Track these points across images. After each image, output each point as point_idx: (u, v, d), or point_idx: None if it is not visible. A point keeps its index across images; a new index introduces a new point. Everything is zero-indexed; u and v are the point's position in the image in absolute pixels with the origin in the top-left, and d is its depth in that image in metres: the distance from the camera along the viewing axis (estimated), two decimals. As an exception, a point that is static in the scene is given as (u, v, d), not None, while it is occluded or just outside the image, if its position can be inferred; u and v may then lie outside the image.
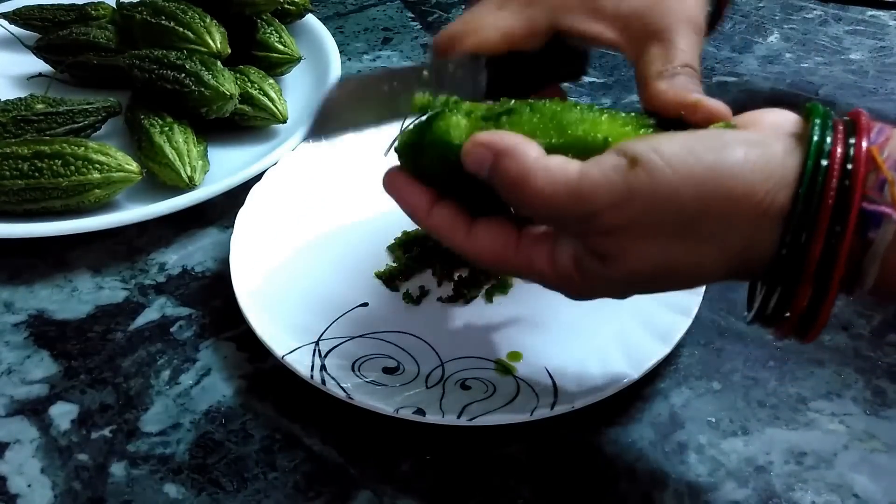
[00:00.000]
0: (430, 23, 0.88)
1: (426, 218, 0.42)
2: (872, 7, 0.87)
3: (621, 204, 0.36)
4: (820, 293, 0.35)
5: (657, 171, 0.35)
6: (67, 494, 0.47)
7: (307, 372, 0.50)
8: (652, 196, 0.35)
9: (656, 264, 0.37)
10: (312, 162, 0.65)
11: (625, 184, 0.36)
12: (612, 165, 0.36)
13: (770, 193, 0.35)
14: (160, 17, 0.71)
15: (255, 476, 0.48)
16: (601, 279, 0.39)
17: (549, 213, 0.38)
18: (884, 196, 0.34)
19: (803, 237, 0.34)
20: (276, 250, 0.59)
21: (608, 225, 0.37)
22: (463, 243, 0.41)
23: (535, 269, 0.40)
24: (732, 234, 0.36)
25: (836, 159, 0.34)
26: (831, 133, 0.35)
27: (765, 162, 0.35)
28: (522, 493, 0.47)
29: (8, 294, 0.59)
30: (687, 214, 0.35)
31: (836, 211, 0.34)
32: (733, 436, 0.49)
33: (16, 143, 0.63)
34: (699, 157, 0.35)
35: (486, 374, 0.51)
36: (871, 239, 0.34)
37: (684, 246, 0.36)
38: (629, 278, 0.38)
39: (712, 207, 0.35)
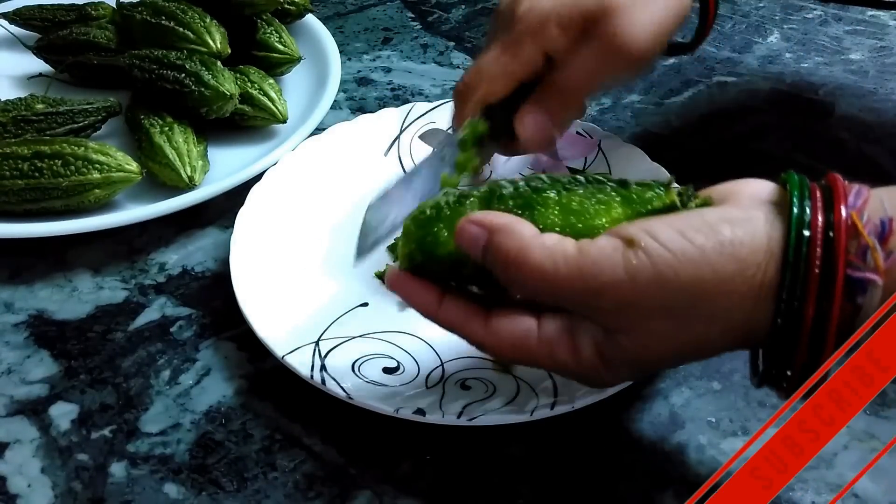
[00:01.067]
0: (430, 23, 0.88)
1: (437, 315, 0.42)
2: (872, 7, 0.87)
3: (623, 283, 0.37)
4: (816, 356, 0.36)
5: (656, 254, 0.36)
6: (67, 494, 0.47)
7: (307, 372, 0.50)
8: (654, 277, 0.36)
9: (665, 341, 0.38)
10: (312, 162, 0.65)
11: (626, 263, 0.37)
12: (609, 245, 0.37)
13: (761, 267, 0.36)
14: (160, 17, 0.71)
15: (255, 476, 0.48)
16: (622, 359, 0.39)
17: (551, 291, 0.38)
18: (867, 262, 0.35)
19: (795, 306, 0.35)
20: (276, 250, 0.59)
21: (613, 302, 0.37)
22: (481, 336, 0.41)
23: (558, 360, 0.40)
24: (735, 310, 0.37)
25: (818, 229, 0.35)
26: (809, 203, 0.36)
27: (751, 237, 0.36)
28: (522, 493, 0.47)
29: (8, 294, 0.59)
30: (687, 295, 0.36)
31: (823, 279, 0.35)
32: (733, 436, 0.49)
33: (16, 143, 0.63)
34: (691, 240, 0.36)
35: (486, 374, 0.51)
36: (860, 304, 0.35)
37: (689, 324, 0.37)
38: (645, 356, 0.39)
39: (709, 288, 0.36)
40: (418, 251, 0.42)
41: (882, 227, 0.35)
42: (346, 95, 0.78)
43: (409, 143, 0.67)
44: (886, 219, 0.35)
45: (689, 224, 0.37)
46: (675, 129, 0.73)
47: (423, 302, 0.43)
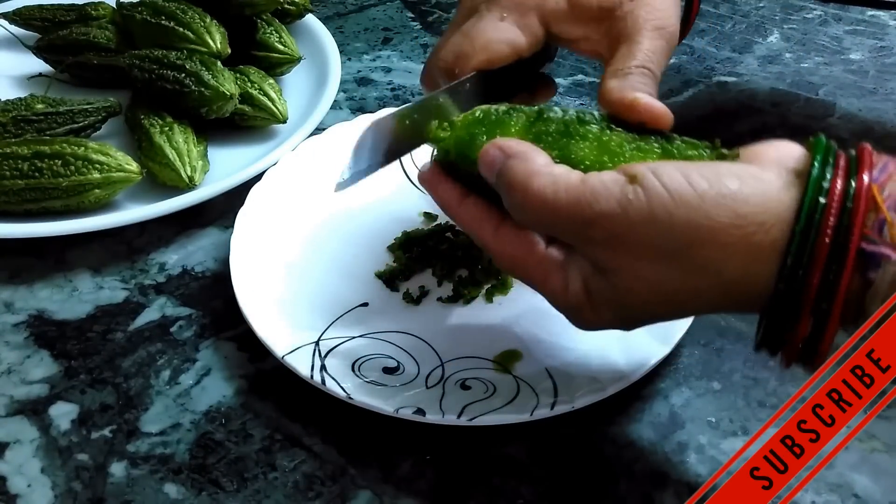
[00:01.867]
0: (430, 23, 0.88)
1: (457, 209, 0.43)
2: (872, 7, 0.87)
3: (616, 215, 0.37)
4: (820, 324, 0.35)
5: (653, 191, 0.36)
6: (67, 494, 0.47)
7: (307, 372, 0.50)
8: (647, 214, 0.36)
9: (654, 287, 0.38)
10: (312, 162, 0.65)
11: (622, 196, 0.36)
12: (612, 179, 0.37)
13: (764, 226, 0.35)
14: (160, 17, 0.71)
15: (255, 476, 0.48)
16: (608, 304, 0.39)
17: (548, 218, 0.39)
18: (883, 237, 0.34)
19: (800, 274, 0.34)
20: (276, 250, 0.59)
21: (603, 234, 0.37)
22: (489, 239, 0.42)
23: (548, 285, 0.41)
24: (728, 264, 0.36)
25: (835, 197, 0.34)
26: (832, 169, 0.35)
27: (759, 195, 0.36)
28: (522, 493, 0.47)
29: (8, 294, 0.59)
30: (680, 240, 0.36)
31: (833, 250, 0.34)
32: (733, 436, 0.49)
33: (16, 143, 0.63)
34: (693, 184, 0.36)
35: (486, 374, 0.51)
36: (871, 279, 0.34)
37: (679, 270, 0.37)
38: (631, 301, 0.39)
39: (702, 235, 0.36)
40: (455, 148, 0.43)
41: None
42: (346, 95, 0.78)
43: (409, 143, 0.67)
44: None
45: (697, 170, 0.37)
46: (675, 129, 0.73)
47: (446, 196, 0.44)
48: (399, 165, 0.66)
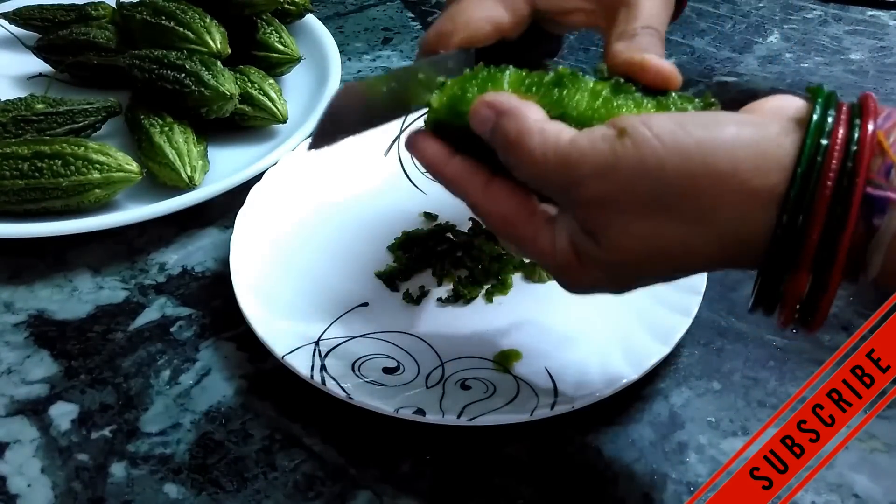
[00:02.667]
0: (430, 23, 0.88)
1: (444, 167, 0.42)
2: (872, 7, 0.87)
3: (605, 173, 0.36)
4: (820, 281, 0.34)
5: (644, 142, 0.35)
6: (67, 494, 0.47)
7: (307, 372, 0.50)
8: (637, 166, 0.35)
9: (645, 243, 0.36)
10: (312, 162, 0.65)
11: (611, 152, 0.35)
12: (601, 135, 0.36)
13: (761, 173, 0.34)
14: (160, 17, 0.71)
15: (255, 476, 0.48)
16: (596, 263, 0.38)
17: (538, 177, 0.38)
18: (890, 181, 0.32)
19: (800, 221, 0.33)
20: (276, 250, 0.59)
21: (593, 193, 0.36)
22: (478, 196, 0.41)
23: (538, 245, 0.40)
24: (721, 215, 0.35)
25: (838, 140, 0.33)
26: (834, 113, 0.34)
27: (757, 141, 0.34)
28: (523, 493, 0.47)
29: (8, 294, 0.59)
30: (672, 190, 0.35)
31: (835, 195, 0.33)
32: (733, 436, 0.49)
33: (16, 143, 0.63)
34: (688, 132, 0.35)
35: (486, 374, 0.51)
36: (876, 226, 0.33)
37: (671, 223, 0.35)
38: (621, 260, 0.37)
39: (698, 183, 0.34)
40: (447, 104, 0.42)
41: None
42: (346, 95, 0.78)
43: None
44: None
45: (693, 119, 0.36)
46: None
47: (432, 155, 0.42)
48: (399, 165, 0.66)
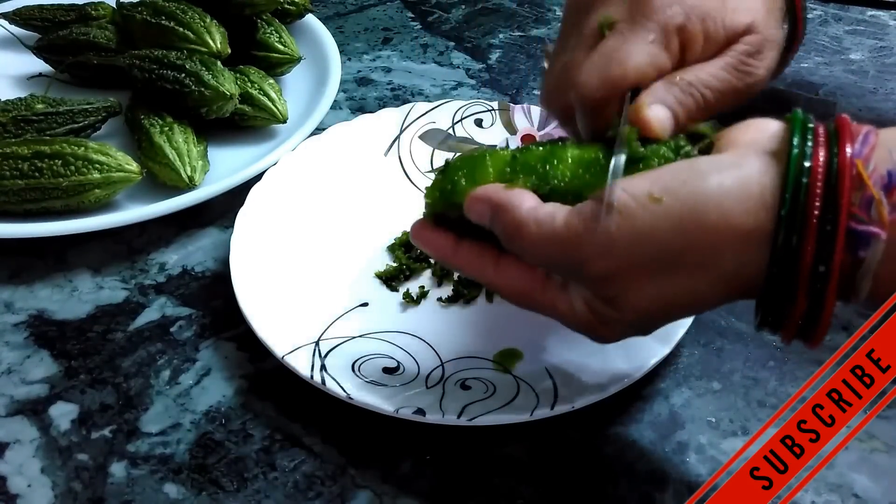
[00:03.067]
0: (430, 23, 0.88)
1: (453, 257, 0.43)
2: (872, 7, 0.87)
3: (605, 250, 0.37)
4: (815, 303, 0.35)
5: (634, 215, 0.36)
6: (67, 494, 0.47)
7: (307, 372, 0.50)
8: (633, 240, 0.36)
9: (658, 300, 0.38)
10: (312, 162, 0.65)
11: (605, 230, 0.37)
12: (590, 214, 0.37)
13: (750, 215, 0.35)
14: (160, 17, 0.71)
15: (255, 476, 0.48)
16: (616, 322, 0.40)
17: (545, 262, 0.40)
18: (871, 215, 0.33)
19: (791, 257, 0.34)
20: (276, 250, 0.59)
21: (598, 271, 0.38)
22: (492, 276, 0.42)
23: (558, 311, 0.41)
24: (722, 261, 0.36)
25: (818, 177, 0.34)
26: (811, 146, 0.35)
27: (740, 186, 0.35)
28: (522, 493, 0.47)
29: (8, 294, 0.59)
30: (671, 250, 0.36)
31: (821, 229, 0.34)
32: (733, 436, 0.49)
33: (16, 143, 0.63)
34: (673, 194, 0.36)
35: (486, 374, 0.51)
36: (861, 257, 0.34)
37: (678, 279, 0.37)
38: (638, 317, 0.39)
39: (694, 239, 0.36)
40: (440, 198, 0.43)
41: (889, 178, 0.33)
42: (346, 95, 0.78)
43: (409, 144, 0.67)
44: (894, 169, 0.33)
45: (673, 176, 0.36)
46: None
47: (439, 246, 0.44)
48: (399, 165, 0.66)
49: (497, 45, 0.84)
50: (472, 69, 0.81)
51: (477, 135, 0.67)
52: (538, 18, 0.89)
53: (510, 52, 0.83)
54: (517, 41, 0.85)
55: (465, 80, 0.80)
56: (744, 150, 0.37)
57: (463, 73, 0.81)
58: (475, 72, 0.80)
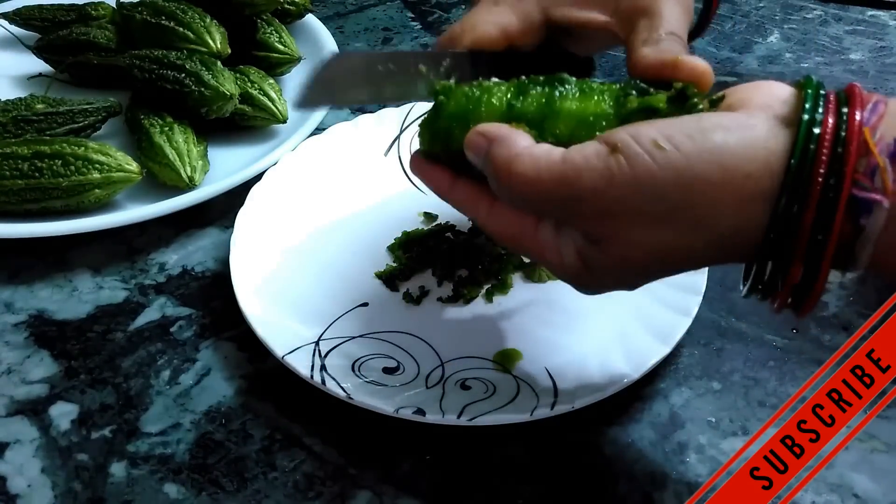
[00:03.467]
0: (430, 23, 0.88)
1: (450, 192, 0.44)
2: (872, 7, 0.87)
3: (603, 188, 0.36)
4: (812, 270, 0.35)
5: (636, 158, 0.36)
6: (67, 494, 0.47)
7: (307, 372, 0.50)
8: (632, 182, 0.36)
9: (649, 250, 0.37)
10: (312, 162, 0.65)
11: (605, 169, 0.36)
12: (594, 152, 0.37)
13: (752, 177, 0.35)
14: (160, 17, 0.71)
15: (255, 476, 0.48)
16: (604, 267, 0.39)
17: (534, 198, 0.39)
18: (875, 182, 0.33)
19: (791, 222, 0.34)
20: (276, 250, 0.59)
21: (592, 209, 0.37)
22: (484, 217, 0.43)
23: (545, 258, 0.41)
24: (720, 219, 0.36)
25: (826, 144, 0.34)
26: (822, 112, 0.35)
27: (745, 146, 0.35)
28: (522, 493, 0.47)
29: (8, 294, 0.59)
30: (670, 201, 0.36)
31: (824, 196, 0.34)
32: (733, 436, 0.49)
33: (16, 143, 0.63)
34: (676, 145, 0.35)
35: (486, 374, 0.51)
36: (862, 225, 0.34)
37: (672, 231, 0.37)
38: (627, 263, 0.39)
39: (694, 194, 0.35)
40: (437, 141, 0.43)
41: (895, 146, 0.33)
42: (346, 95, 0.78)
43: (409, 144, 0.67)
44: None
45: (680, 129, 0.36)
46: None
47: (437, 181, 0.44)
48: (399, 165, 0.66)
49: (497, 45, 0.84)
50: (472, 69, 0.81)
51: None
52: (538, 18, 0.88)
53: (510, 52, 0.83)
54: (517, 41, 0.85)
55: (465, 80, 0.79)
56: (754, 112, 0.37)
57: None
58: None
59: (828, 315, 0.56)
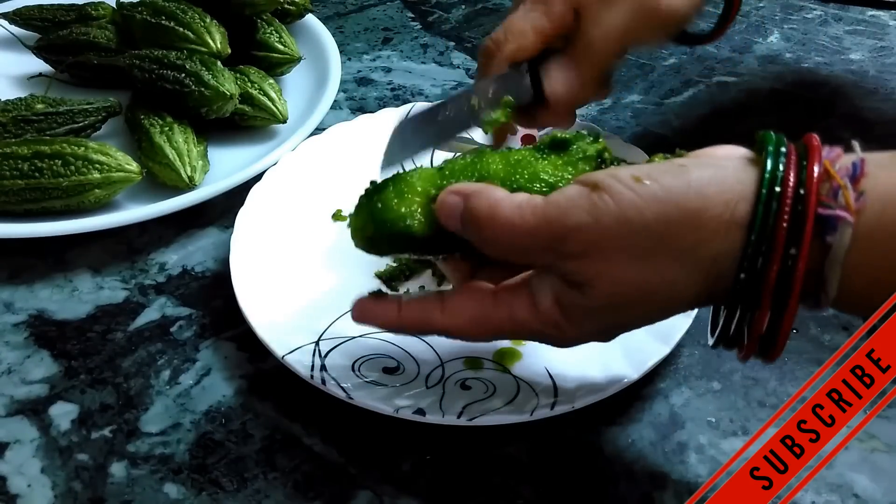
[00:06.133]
0: (430, 23, 0.88)
1: (399, 321, 0.44)
2: (872, 7, 0.87)
3: (589, 224, 0.37)
4: (781, 306, 0.36)
5: (620, 194, 0.37)
6: (67, 494, 0.47)
7: (307, 372, 0.50)
8: (618, 217, 0.37)
9: (632, 287, 0.38)
10: (312, 162, 0.65)
11: (591, 205, 0.37)
12: (576, 192, 0.38)
13: (729, 205, 0.36)
14: (160, 17, 0.71)
15: (255, 476, 0.48)
16: (583, 314, 0.39)
17: (520, 243, 0.39)
18: (838, 201, 0.35)
19: (764, 244, 0.35)
20: (276, 250, 0.59)
21: (578, 247, 0.38)
22: (442, 322, 0.42)
23: (517, 319, 0.41)
24: (700, 251, 0.37)
25: (791, 170, 0.36)
26: (784, 156, 0.37)
27: (719, 179, 0.37)
28: (522, 493, 0.47)
29: (8, 294, 0.59)
30: (653, 234, 0.37)
31: (793, 217, 0.35)
32: (733, 436, 0.49)
33: (16, 143, 0.63)
34: (656, 179, 0.37)
35: (486, 374, 0.51)
36: (829, 243, 0.35)
37: (655, 265, 0.37)
38: (609, 306, 0.39)
39: (675, 224, 0.36)
40: (370, 221, 0.43)
41: (853, 168, 0.36)
42: (346, 95, 0.78)
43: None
44: (858, 161, 0.36)
45: (656, 167, 0.38)
46: (675, 129, 0.73)
47: (384, 314, 0.44)
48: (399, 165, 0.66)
49: (497, 45, 0.84)
50: (472, 69, 0.81)
51: (477, 135, 0.67)
52: (538, 18, 0.88)
53: (510, 52, 0.83)
54: (517, 41, 0.85)
55: (465, 80, 0.80)
56: (719, 157, 0.39)
57: (463, 72, 0.81)
58: (475, 72, 0.80)
59: (828, 315, 0.56)
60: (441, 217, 0.41)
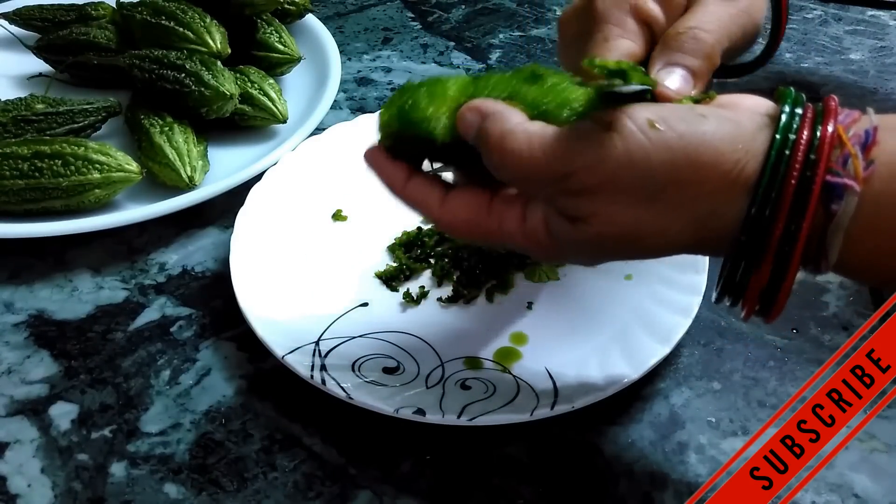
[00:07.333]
0: (430, 23, 0.88)
1: (402, 190, 0.44)
2: (872, 7, 0.87)
3: (595, 165, 0.37)
4: (782, 267, 0.36)
5: (630, 136, 0.36)
6: (67, 494, 0.47)
7: (307, 372, 0.50)
8: (625, 159, 0.36)
9: (624, 229, 0.38)
10: (312, 162, 0.65)
11: (599, 145, 0.37)
12: (588, 129, 0.38)
13: (739, 164, 0.36)
14: (160, 17, 0.71)
15: (255, 476, 0.48)
16: (570, 242, 0.40)
17: (525, 173, 0.39)
18: (847, 170, 0.35)
19: (768, 208, 0.35)
20: (276, 250, 0.59)
21: (581, 185, 0.37)
22: (437, 213, 0.43)
23: (504, 229, 0.41)
24: (700, 203, 0.37)
25: (804, 135, 0.36)
26: (800, 113, 0.36)
27: (735, 134, 0.36)
28: (522, 493, 0.47)
29: (8, 294, 0.59)
30: (658, 180, 0.36)
31: (800, 183, 0.35)
32: (733, 436, 0.49)
33: (16, 143, 0.63)
34: (671, 126, 0.36)
35: (486, 374, 0.51)
36: (834, 211, 0.35)
37: (653, 211, 0.37)
38: (597, 241, 0.39)
39: (682, 174, 0.36)
40: (396, 117, 0.43)
41: (866, 136, 0.36)
42: (346, 95, 0.78)
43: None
44: (871, 128, 0.36)
45: (674, 112, 0.37)
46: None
47: (391, 177, 0.44)
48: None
49: (497, 45, 0.84)
50: (472, 69, 0.81)
51: None
52: (538, 18, 0.89)
53: (510, 53, 0.83)
54: (517, 41, 0.85)
55: (465, 80, 0.80)
56: (743, 110, 0.38)
57: (463, 73, 0.81)
58: (475, 72, 0.80)
59: (828, 315, 0.56)
60: (460, 128, 0.41)
